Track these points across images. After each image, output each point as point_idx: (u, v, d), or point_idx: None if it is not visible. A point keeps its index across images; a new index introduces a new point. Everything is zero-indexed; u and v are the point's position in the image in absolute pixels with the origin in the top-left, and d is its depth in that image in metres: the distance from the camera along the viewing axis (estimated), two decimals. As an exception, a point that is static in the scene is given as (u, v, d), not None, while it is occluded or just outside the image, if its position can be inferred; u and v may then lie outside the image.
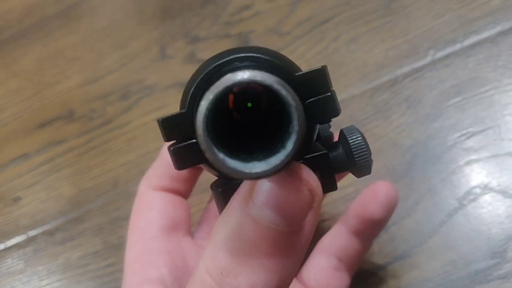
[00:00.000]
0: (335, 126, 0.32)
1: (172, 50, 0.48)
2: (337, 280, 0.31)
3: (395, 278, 0.34)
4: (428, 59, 0.40)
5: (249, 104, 0.20)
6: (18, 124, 0.50)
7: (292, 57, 0.20)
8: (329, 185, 0.21)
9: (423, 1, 0.42)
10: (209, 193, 0.28)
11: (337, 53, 0.43)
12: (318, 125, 0.20)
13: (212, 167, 0.20)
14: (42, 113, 0.50)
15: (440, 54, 0.40)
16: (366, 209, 0.30)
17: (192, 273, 0.19)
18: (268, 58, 0.19)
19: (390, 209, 0.30)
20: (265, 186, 0.18)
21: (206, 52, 0.46)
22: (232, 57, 0.19)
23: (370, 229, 0.31)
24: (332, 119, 0.20)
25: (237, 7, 0.48)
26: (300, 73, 0.19)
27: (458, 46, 0.39)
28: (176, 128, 0.19)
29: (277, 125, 0.18)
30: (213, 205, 0.33)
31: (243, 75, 0.16)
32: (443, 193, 0.35)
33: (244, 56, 0.19)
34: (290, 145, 0.16)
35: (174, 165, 0.20)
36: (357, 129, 0.22)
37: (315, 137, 0.21)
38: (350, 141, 0.22)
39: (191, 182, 0.31)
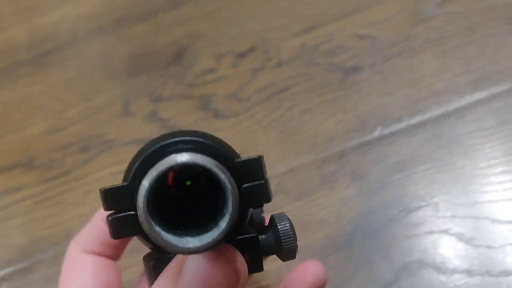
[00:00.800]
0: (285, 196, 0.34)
1: (135, 107, 0.50)
2: None
3: None
4: (375, 134, 0.42)
5: (188, 183, 0.21)
6: (-24, 168, 0.50)
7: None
8: (256, 266, 0.22)
9: (376, 78, 0.45)
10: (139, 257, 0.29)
11: (292, 122, 0.45)
12: (251, 209, 0.22)
13: (147, 239, 0.21)
14: (3, 158, 0.50)
15: (387, 131, 0.42)
16: (294, 287, 0.31)
17: None
18: (211, 143, 0.21)
19: None
20: (193, 264, 0.19)
21: (168, 111, 0.48)
22: (178, 139, 0.21)
23: None
24: (263, 205, 0.21)
25: (202, 70, 0.50)
26: (239, 160, 0.21)
27: (403, 124, 0.42)
28: (117, 199, 0.20)
29: (212, 205, 0.20)
30: None
31: (186, 157, 0.18)
32: (380, 266, 0.37)
33: (190, 140, 0.21)
34: (223, 225, 0.18)
35: (110, 234, 0.20)
36: (287, 216, 0.24)
37: (247, 220, 0.22)
38: (279, 227, 0.23)
39: (121, 248, 0.32)
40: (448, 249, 0.37)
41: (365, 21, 0.48)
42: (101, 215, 0.31)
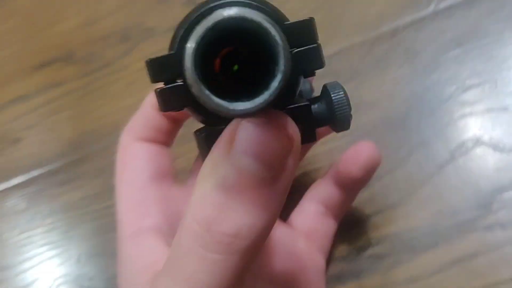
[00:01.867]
0: (334, 78, 0.32)
1: (174, -9, 0.47)
2: (324, 225, 0.33)
3: (384, 225, 0.35)
4: (430, 9, 0.39)
5: (236, 67, 0.20)
6: (16, 64, 0.50)
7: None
8: (309, 136, 0.21)
9: None
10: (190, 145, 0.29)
11: (338, 1, 0.42)
12: (302, 78, 0.21)
13: (197, 110, 0.20)
14: (41, 53, 0.50)
15: (443, 4, 0.39)
16: (347, 168, 0.32)
17: (181, 222, 0.20)
18: (258, 4, 0.19)
19: (370, 170, 0.32)
20: (245, 131, 0.18)
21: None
22: (223, 1, 0.19)
23: (352, 185, 0.32)
24: (315, 74, 0.20)
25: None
26: (288, 22, 0.19)
27: (461, -3, 0.39)
28: (164, 69, 0.19)
29: (262, 75, 0.18)
30: None
31: (235, 10, 0.17)
32: (435, 145, 0.36)
33: (236, 1, 0.19)
34: (274, 85, 0.17)
35: (159, 106, 0.20)
36: (340, 85, 0.23)
37: (299, 88, 0.21)
38: (332, 96, 0.22)
39: (173, 134, 0.32)
40: (507, 126, 0.35)
41: None
42: (150, 101, 0.31)
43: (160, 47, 0.46)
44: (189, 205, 0.20)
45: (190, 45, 0.17)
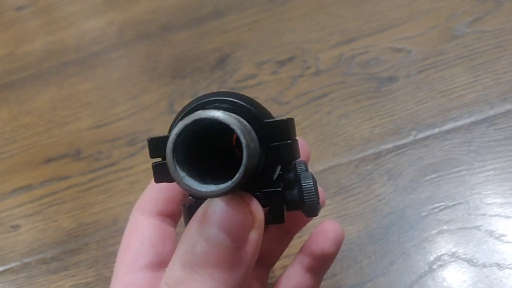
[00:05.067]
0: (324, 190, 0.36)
1: (180, 106, 0.52)
2: None
3: (367, 330, 0.37)
4: (410, 138, 0.45)
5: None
6: (25, 156, 0.53)
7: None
8: (278, 217, 0.25)
9: (409, 88, 0.48)
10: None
11: (329, 125, 0.48)
12: (279, 166, 0.24)
13: None
14: (50, 149, 0.53)
15: (421, 135, 0.45)
16: (318, 246, 0.34)
17: None
18: (244, 104, 0.23)
19: (338, 244, 0.34)
20: (216, 209, 0.22)
21: (212, 111, 0.51)
22: (215, 98, 0.24)
23: (322, 264, 0.34)
24: (292, 164, 0.25)
25: (244, 75, 0.53)
26: (268, 120, 0.23)
27: (437, 130, 0.45)
28: (159, 147, 0.23)
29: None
30: None
31: (211, 113, 0.20)
32: (415, 257, 0.39)
33: (226, 100, 0.24)
34: (237, 175, 0.20)
35: (154, 178, 0.23)
36: (312, 175, 0.26)
37: (275, 175, 0.24)
38: (303, 185, 0.26)
39: (179, 206, 0.34)
40: (479, 244, 0.39)
41: (399, 36, 0.51)
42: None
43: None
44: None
45: (172, 134, 0.20)
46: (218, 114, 0.20)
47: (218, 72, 0.54)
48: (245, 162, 0.20)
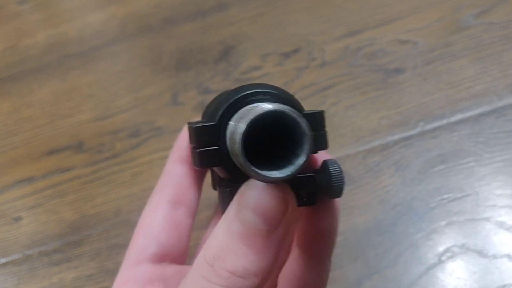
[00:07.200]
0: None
1: (184, 98, 0.52)
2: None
3: (375, 322, 0.36)
4: (418, 130, 0.44)
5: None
6: (27, 149, 0.53)
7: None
8: (311, 200, 0.26)
9: (416, 80, 0.47)
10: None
11: (336, 116, 0.47)
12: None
13: (227, 170, 0.24)
14: (52, 141, 0.52)
15: (429, 126, 0.44)
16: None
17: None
18: (283, 96, 0.25)
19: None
20: (251, 193, 0.23)
21: (216, 102, 0.50)
22: (256, 90, 0.24)
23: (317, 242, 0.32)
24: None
25: (248, 67, 0.53)
26: (306, 111, 0.24)
27: (445, 121, 0.44)
28: (205, 135, 0.24)
29: (287, 152, 0.22)
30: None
31: (273, 106, 0.21)
32: (423, 248, 0.39)
33: (267, 92, 0.24)
34: (299, 162, 0.21)
35: (198, 163, 0.24)
36: (337, 162, 0.27)
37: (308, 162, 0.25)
38: (330, 169, 0.26)
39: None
40: (488, 236, 0.38)
41: (405, 28, 0.51)
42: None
43: (167, 145, 0.50)
44: (203, 246, 0.24)
45: (240, 126, 0.21)
46: (283, 107, 0.21)
47: (223, 64, 0.54)
48: (308, 151, 0.21)
